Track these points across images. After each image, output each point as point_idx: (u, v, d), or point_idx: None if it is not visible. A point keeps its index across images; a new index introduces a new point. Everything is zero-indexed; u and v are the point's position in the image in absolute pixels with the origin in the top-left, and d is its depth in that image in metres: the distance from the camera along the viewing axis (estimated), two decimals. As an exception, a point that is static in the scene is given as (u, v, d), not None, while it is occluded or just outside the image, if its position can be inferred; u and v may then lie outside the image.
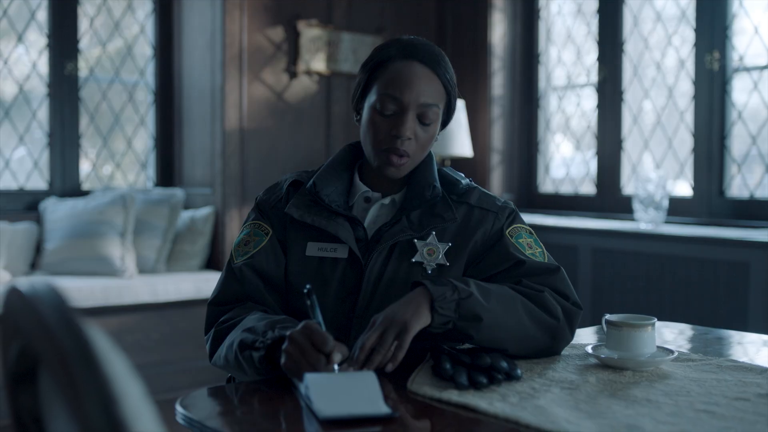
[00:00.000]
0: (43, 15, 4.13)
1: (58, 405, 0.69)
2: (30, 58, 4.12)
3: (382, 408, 1.06)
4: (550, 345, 1.37)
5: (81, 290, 3.58)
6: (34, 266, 3.92)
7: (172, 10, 4.44)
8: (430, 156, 1.54)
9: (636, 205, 3.73)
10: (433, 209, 1.47)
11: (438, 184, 1.49)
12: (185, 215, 4.18)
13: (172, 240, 4.09)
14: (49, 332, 0.54)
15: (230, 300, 1.43)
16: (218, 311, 1.43)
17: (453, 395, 1.13)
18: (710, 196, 3.80)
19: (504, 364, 1.22)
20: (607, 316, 1.34)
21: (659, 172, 3.77)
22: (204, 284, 3.87)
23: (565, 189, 4.53)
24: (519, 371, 1.23)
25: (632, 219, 3.89)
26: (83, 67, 4.25)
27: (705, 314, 3.29)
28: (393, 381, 1.23)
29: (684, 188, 3.97)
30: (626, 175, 4.20)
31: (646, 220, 3.70)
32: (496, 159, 4.59)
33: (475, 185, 1.55)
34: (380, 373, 1.22)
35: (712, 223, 3.69)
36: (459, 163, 4.58)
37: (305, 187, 1.49)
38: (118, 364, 0.54)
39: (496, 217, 1.50)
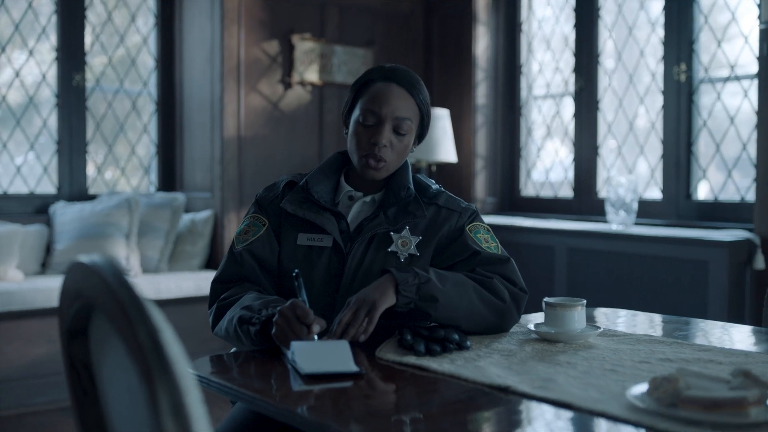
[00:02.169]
0: (52, 29, 4.40)
1: (108, 349, 0.95)
2: (40, 69, 4.38)
3: (352, 367, 1.32)
4: (498, 323, 1.62)
5: (89, 288, 3.82)
6: (44, 266, 4.17)
7: (174, 25, 4.70)
8: (406, 163, 1.81)
9: (608, 208, 3.99)
10: (407, 207, 1.73)
11: (412, 187, 1.75)
12: (186, 218, 4.44)
13: (173, 241, 4.34)
14: (110, 288, 0.80)
15: (231, 279, 1.69)
16: (220, 288, 1.68)
17: (411, 359, 1.40)
18: (678, 199, 4.07)
19: (455, 337, 1.48)
20: (546, 299, 1.60)
21: (630, 176, 4.04)
22: (204, 283, 4.12)
23: (546, 193, 4.80)
24: (468, 342, 1.49)
25: (606, 221, 4.15)
26: (90, 78, 4.51)
27: (669, 308, 3.54)
28: (365, 350, 1.49)
29: (654, 192, 4.24)
30: (602, 179, 4.47)
31: (617, 222, 3.95)
32: (480, 165, 4.85)
33: (444, 190, 1.82)
34: (355, 343, 1.48)
35: (679, 224, 3.95)
36: (444, 168, 4.85)
37: (299, 185, 1.75)
38: (156, 311, 0.80)
39: (460, 216, 1.76)
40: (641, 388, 1.14)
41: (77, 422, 1.06)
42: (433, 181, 1.83)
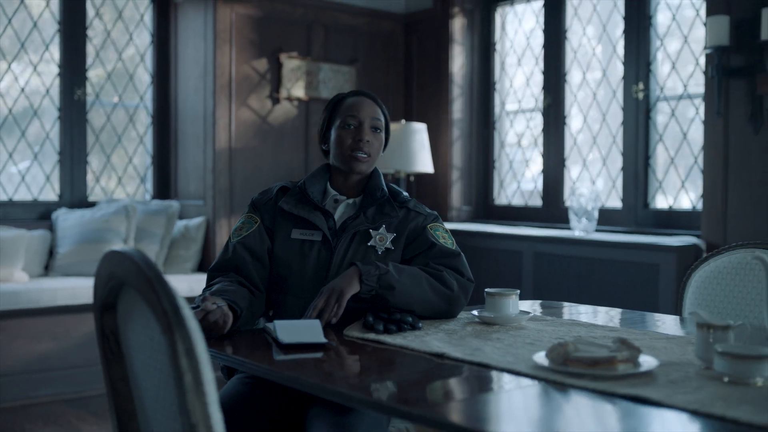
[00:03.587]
0: (55, 46, 4.71)
1: (134, 317, 1.26)
2: (43, 84, 4.69)
3: (322, 339, 1.64)
4: (446, 308, 1.95)
5: (89, 289, 4.13)
6: (47, 268, 4.46)
7: (169, 44, 5.02)
8: (378, 171, 2.14)
9: (571, 216, 4.32)
10: (383, 209, 2.07)
11: (385, 189, 2.10)
12: (180, 224, 4.75)
13: (168, 246, 4.65)
14: (140, 268, 1.11)
15: (223, 267, 2.00)
16: (213, 275, 2.00)
17: (371, 336, 1.72)
18: (636, 208, 4.41)
19: (409, 319, 1.80)
20: (486, 289, 1.92)
21: (592, 187, 4.37)
22: (197, 284, 4.42)
23: (517, 201, 5.13)
24: (420, 324, 1.81)
25: (570, 228, 4.48)
26: (90, 93, 4.82)
27: (624, 306, 3.86)
28: (335, 331, 1.81)
29: (616, 201, 4.58)
30: (568, 189, 4.80)
31: (579, 229, 4.29)
32: (456, 175, 5.18)
33: (412, 198, 2.15)
34: (328, 325, 1.80)
35: (637, 231, 4.29)
36: (422, 178, 5.17)
37: (295, 187, 2.09)
38: (171, 283, 1.12)
39: (425, 218, 2.10)
40: (542, 352, 1.46)
41: (106, 376, 1.37)
42: (403, 190, 2.17)
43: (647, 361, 1.40)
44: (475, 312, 1.94)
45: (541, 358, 1.43)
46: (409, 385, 1.39)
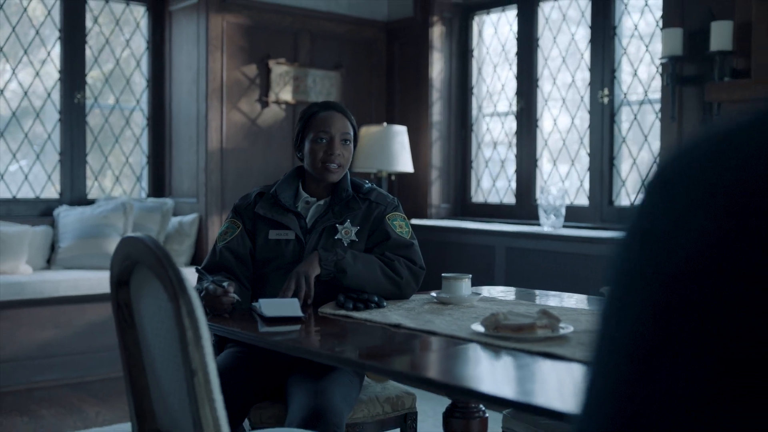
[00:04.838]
0: (56, 53, 4.99)
1: (145, 290, 1.56)
2: (45, 88, 4.97)
3: (299, 313, 1.95)
4: (397, 292, 2.24)
5: (89, 280, 4.42)
6: (49, 262, 4.75)
7: (164, 50, 5.31)
8: (346, 174, 2.43)
9: (541, 213, 4.63)
10: (348, 204, 2.36)
11: (350, 190, 2.38)
12: (174, 220, 5.04)
13: (163, 241, 4.94)
14: (151, 248, 1.42)
15: (213, 269, 2.29)
16: (203, 274, 2.28)
17: (341, 312, 2.02)
18: (602, 205, 4.73)
19: (375, 299, 2.10)
20: (443, 274, 2.22)
21: (560, 186, 4.68)
22: (190, 277, 4.70)
23: (493, 199, 5.44)
24: (385, 303, 2.12)
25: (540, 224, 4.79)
26: (89, 96, 5.10)
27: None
28: (311, 309, 2.11)
29: (583, 198, 4.89)
30: (540, 187, 5.12)
31: (548, 225, 4.60)
32: (435, 175, 5.49)
33: (375, 187, 2.44)
34: (305, 304, 2.10)
35: (603, 227, 4.60)
36: (403, 178, 5.48)
37: (269, 193, 2.37)
38: (175, 260, 1.42)
39: (385, 208, 2.39)
40: (479, 322, 1.77)
41: (120, 341, 1.67)
42: (366, 181, 2.46)
43: (564, 328, 1.71)
44: (433, 293, 2.24)
45: (477, 325, 1.74)
46: (369, 346, 1.69)
